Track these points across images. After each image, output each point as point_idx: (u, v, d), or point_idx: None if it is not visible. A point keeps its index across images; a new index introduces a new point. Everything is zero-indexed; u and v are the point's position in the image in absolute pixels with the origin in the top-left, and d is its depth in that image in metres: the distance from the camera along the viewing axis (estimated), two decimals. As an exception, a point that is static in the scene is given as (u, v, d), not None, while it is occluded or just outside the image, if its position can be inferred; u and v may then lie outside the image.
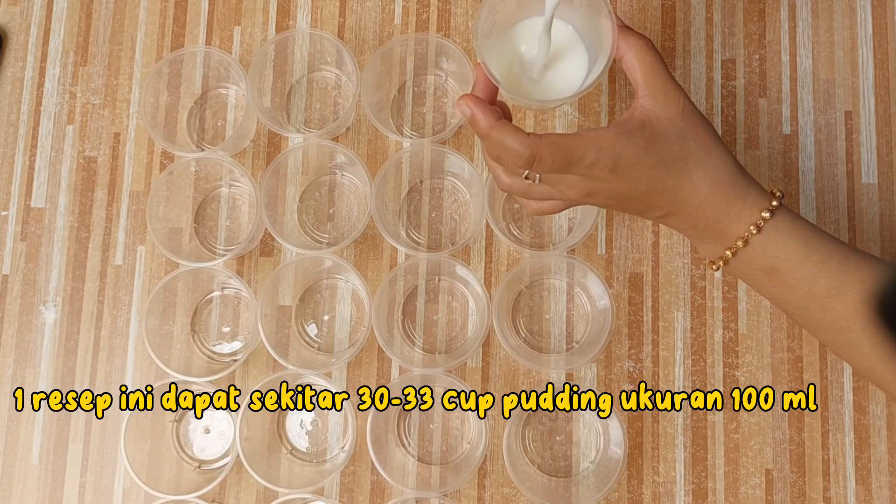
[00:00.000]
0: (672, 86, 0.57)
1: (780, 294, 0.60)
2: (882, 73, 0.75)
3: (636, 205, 0.58)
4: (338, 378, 0.72)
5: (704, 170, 0.57)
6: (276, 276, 0.70)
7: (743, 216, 0.58)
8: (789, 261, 0.58)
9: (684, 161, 0.57)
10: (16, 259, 0.75)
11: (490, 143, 0.56)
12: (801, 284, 0.58)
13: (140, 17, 0.78)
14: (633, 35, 0.58)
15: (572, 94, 0.58)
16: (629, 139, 0.56)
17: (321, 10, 0.78)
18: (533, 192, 0.60)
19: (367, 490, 0.71)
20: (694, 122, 0.58)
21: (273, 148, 0.76)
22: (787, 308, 0.61)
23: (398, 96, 0.77)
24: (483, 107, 0.56)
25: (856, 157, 0.74)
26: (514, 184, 0.60)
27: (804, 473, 0.70)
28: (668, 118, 0.57)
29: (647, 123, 0.57)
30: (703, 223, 0.58)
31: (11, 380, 0.73)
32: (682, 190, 0.57)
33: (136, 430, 0.70)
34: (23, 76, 0.78)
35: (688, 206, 0.58)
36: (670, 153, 0.57)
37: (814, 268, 0.58)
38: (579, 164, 0.55)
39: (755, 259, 0.59)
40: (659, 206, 0.58)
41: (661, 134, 0.56)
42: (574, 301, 0.73)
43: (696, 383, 0.71)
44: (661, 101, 0.57)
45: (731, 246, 0.59)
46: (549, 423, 0.72)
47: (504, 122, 0.55)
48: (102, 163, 0.76)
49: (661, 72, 0.57)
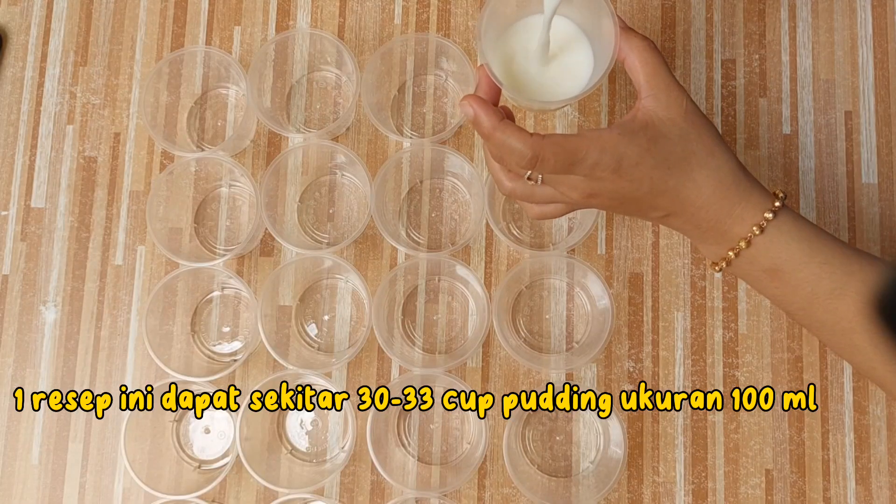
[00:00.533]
0: (674, 87, 0.57)
1: (782, 295, 0.60)
2: (882, 73, 0.75)
3: (638, 206, 0.58)
4: (338, 378, 0.72)
5: (707, 170, 0.57)
6: (276, 276, 0.70)
7: (745, 217, 0.58)
8: (792, 261, 0.58)
9: (687, 162, 0.57)
10: (16, 259, 0.75)
11: (493, 144, 0.56)
12: (804, 285, 0.58)
13: (140, 17, 0.78)
14: (636, 36, 0.58)
15: (574, 95, 0.58)
16: (632, 140, 0.56)
17: (321, 10, 0.78)
18: (535, 195, 0.60)
19: (367, 490, 0.71)
20: (696, 123, 0.58)
21: (273, 148, 0.76)
22: (790, 309, 0.61)
23: (398, 96, 0.77)
24: (486, 107, 0.55)
25: (856, 157, 0.74)
26: (517, 187, 0.60)
27: (804, 473, 0.70)
28: (671, 119, 0.57)
29: (650, 124, 0.56)
30: (706, 224, 0.58)
31: (11, 380, 0.73)
32: (684, 190, 0.57)
33: (136, 430, 0.70)
34: (23, 76, 0.78)
35: (690, 207, 0.58)
36: (673, 154, 0.57)
37: (816, 269, 0.58)
38: (582, 165, 0.55)
39: (758, 260, 0.59)
40: (661, 206, 0.58)
41: (664, 135, 0.56)
42: (574, 301, 0.73)
43: (696, 383, 0.71)
44: (664, 102, 0.57)
45: (734, 247, 0.59)
46: (549, 423, 0.72)
47: (507, 122, 0.55)
48: (102, 163, 0.76)
49: (664, 73, 0.57)
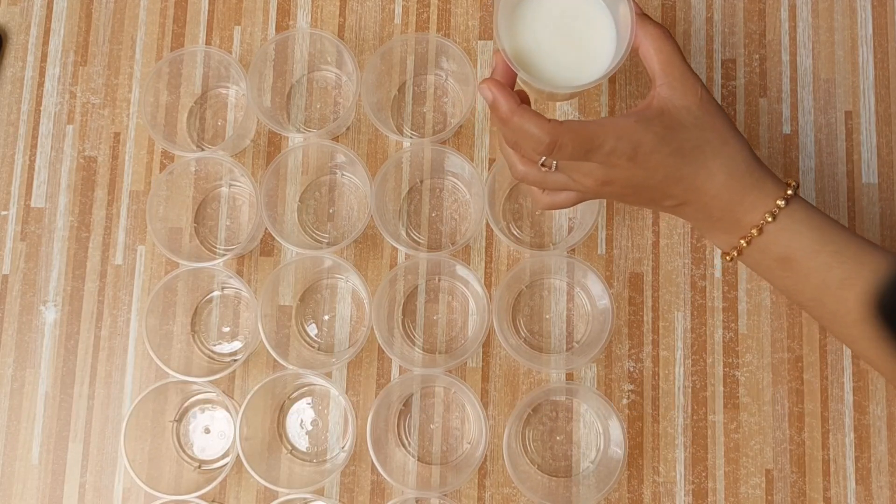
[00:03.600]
0: (689, 75, 0.58)
1: (793, 285, 0.60)
2: (882, 72, 0.75)
3: (652, 194, 0.58)
4: (338, 378, 0.72)
5: (721, 159, 0.57)
6: (276, 275, 0.70)
7: (758, 205, 0.58)
8: (803, 250, 0.58)
9: (701, 150, 0.57)
10: (16, 259, 0.75)
11: (510, 129, 0.56)
12: (816, 274, 0.58)
13: (140, 17, 0.78)
14: (651, 23, 0.58)
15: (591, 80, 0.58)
16: (648, 127, 0.56)
17: (321, 10, 0.78)
18: (548, 182, 0.60)
19: (367, 490, 0.71)
20: (711, 112, 0.58)
21: (273, 148, 0.76)
22: (800, 299, 0.61)
23: (398, 96, 0.77)
24: (504, 91, 0.55)
25: (856, 157, 0.74)
26: (530, 172, 0.60)
27: (804, 473, 0.70)
28: (686, 107, 0.57)
29: (665, 112, 0.57)
30: (718, 212, 0.58)
31: (11, 380, 0.73)
32: (698, 178, 0.57)
33: (136, 430, 0.70)
34: (23, 76, 0.78)
35: (704, 196, 0.58)
36: (688, 141, 0.57)
37: (828, 257, 0.58)
38: (599, 152, 0.55)
39: (769, 248, 0.59)
40: (674, 194, 0.58)
41: (679, 122, 0.57)
42: (574, 301, 0.73)
43: (696, 383, 0.71)
44: (679, 90, 0.57)
45: (746, 235, 0.59)
46: (550, 423, 0.72)
47: (525, 107, 0.55)
48: (102, 163, 0.76)
49: (679, 61, 0.57)
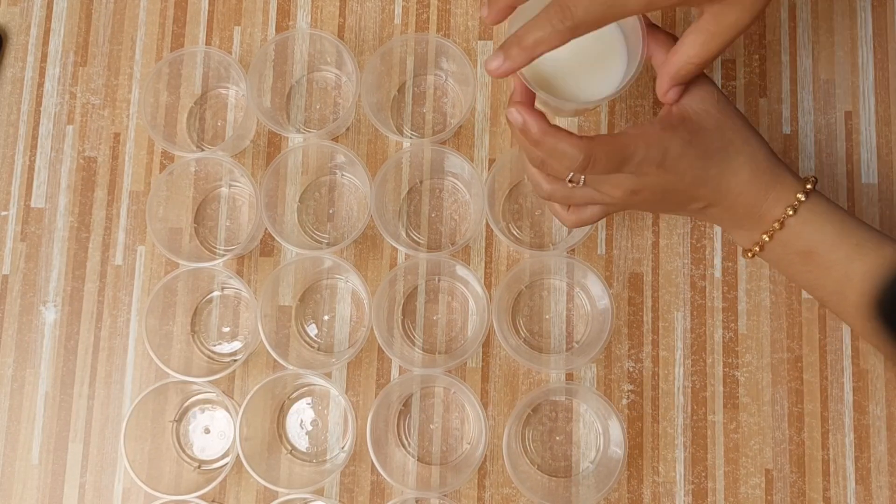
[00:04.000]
0: (704, 79, 0.59)
1: (815, 279, 0.61)
2: (882, 73, 0.75)
3: (679, 197, 0.59)
4: (338, 378, 0.72)
5: (744, 157, 0.59)
6: (276, 276, 0.70)
7: (780, 199, 0.59)
8: (825, 243, 0.59)
9: (725, 151, 0.58)
10: (16, 259, 0.75)
11: (543, 149, 0.56)
12: (837, 266, 0.59)
13: (140, 17, 0.78)
14: (661, 32, 0.59)
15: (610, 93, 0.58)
16: (674, 133, 0.57)
17: (321, 11, 0.78)
18: (575, 197, 0.61)
19: (367, 490, 0.71)
20: (729, 113, 0.59)
21: (273, 148, 0.76)
22: (823, 294, 0.61)
23: (398, 96, 0.77)
24: (533, 113, 0.56)
25: (856, 158, 0.74)
26: (557, 190, 0.60)
27: (804, 473, 0.70)
28: (705, 111, 0.58)
29: (687, 117, 0.58)
30: (742, 210, 0.59)
31: (11, 380, 0.73)
32: (724, 179, 0.58)
33: (136, 430, 0.70)
34: (23, 76, 0.78)
35: (730, 195, 0.59)
36: (712, 144, 0.58)
37: (850, 250, 0.58)
38: (631, 162, 0.56)
39: (791, 242, 0.59)
40: (702, 196, 0.59)
41: (702, 126, 0.58)
42: (574, 301, 0.73)
43: (696, 383, 0.71)
44: (697, 95, 0.58)
45: (768, 230, 0.59)
46: (549, 423, 0.72)
47: (556, 126, 0.56)
48: (102, 163, 0.76)
49: None
